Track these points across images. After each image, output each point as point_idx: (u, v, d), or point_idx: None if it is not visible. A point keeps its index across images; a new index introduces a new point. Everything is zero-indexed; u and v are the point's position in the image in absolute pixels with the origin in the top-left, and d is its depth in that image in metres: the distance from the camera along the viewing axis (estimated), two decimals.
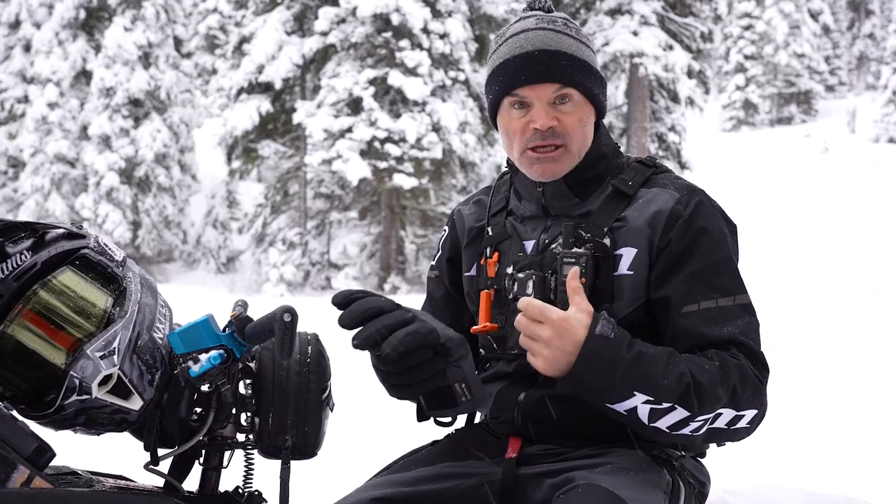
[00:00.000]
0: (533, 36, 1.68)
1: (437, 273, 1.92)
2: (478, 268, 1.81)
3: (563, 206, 1.72)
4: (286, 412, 1.46)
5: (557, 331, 1.44)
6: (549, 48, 1.66)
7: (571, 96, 1.67)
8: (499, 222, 1.80)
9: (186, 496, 1.47)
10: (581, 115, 1.68)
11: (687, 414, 1.48)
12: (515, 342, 1.68)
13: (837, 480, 4.20)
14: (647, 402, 1.47)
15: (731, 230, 1.69)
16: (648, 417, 1.48)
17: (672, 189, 1.67)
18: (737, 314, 1.59)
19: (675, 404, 1.47)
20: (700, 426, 1.50)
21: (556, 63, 1.66)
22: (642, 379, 1.46)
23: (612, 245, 1.64)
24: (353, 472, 2.19)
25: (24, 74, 23.47)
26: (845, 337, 8.76)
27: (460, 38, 18.21)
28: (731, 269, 1.63)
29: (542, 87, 1.66)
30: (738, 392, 1.50)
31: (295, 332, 1.36)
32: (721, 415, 1.51)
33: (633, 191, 1.69)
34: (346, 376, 3.23)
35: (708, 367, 1.50)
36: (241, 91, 19.73)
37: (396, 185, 17.63)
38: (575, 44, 1.69)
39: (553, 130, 1.66)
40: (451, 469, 1.65)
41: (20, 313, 1.32)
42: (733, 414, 1.51)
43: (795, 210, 20.42)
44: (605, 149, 1.75)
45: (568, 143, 1.67)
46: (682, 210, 1.63)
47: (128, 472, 1.53)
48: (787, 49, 39.28)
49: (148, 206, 21.97)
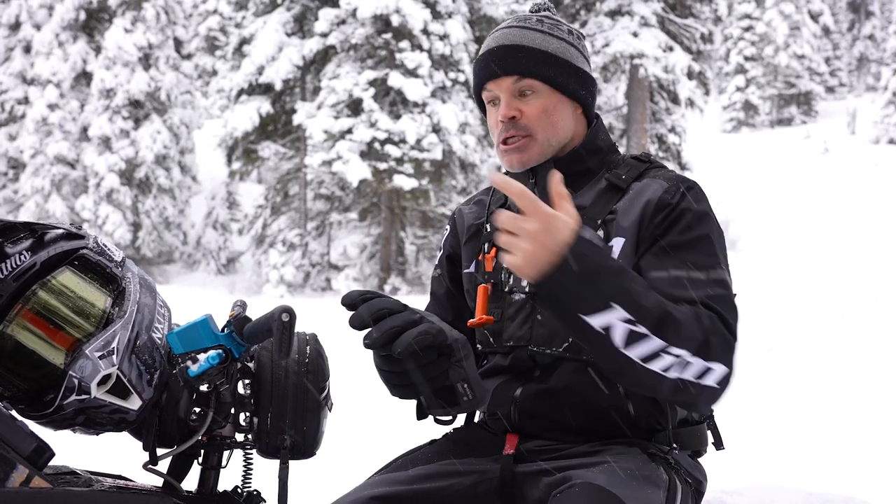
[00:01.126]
0: (500, 34, 1.75)
1: (440, 272, 1.94)
2: (476, 264, 1.82)
3: None
4: (285, 412, 1.46)
5: (545, 225, 1.35)
6: (510, 43, 1.72)
7: (533, 87, 1.70)
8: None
9: (185, 496, 1.47)
10: (546, 105, 1.71)
11: (662, 344, 1.41)
12: (511, 335, 1.70)
13: (836, 480, 4.20)
14: (625, 321, 1.39)
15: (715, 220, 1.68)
16: (624, 340, 1.39)
17: (662, 180, 1.68)
18: (707, 284, 1.55)
19: (651, 332, 1.40)
20: (670, 366, 1.42)
21: (513, 56, 1.70)
22: (623, 291, 1.40)
23: (605, 237, 1.65)
24: (352, 472, 2.20)
25: (24, 76, 23.49)
26: (845, 337, 8.76)
27: (460, 39, 18.22)
28: (708, 246, 1.61)
29: (502, 81, 1.71)
30: (710, 340, 1.45)
31: (293, 332, 1.36)
32: (690, 364, 1.43)
33: (627, 184, 1.70)
34: (344, 376, 3.23)
35: (683, 309, 1.47)
36: (241, 92, 19.74)
37: (396, 186, 17.63)
38: (543, 39, 1.73)
39: (515, 122, 1.71)
40: (449, 467, 1.66)
41: (19, 313, 1.32)
42: (703, 365, 1.44)
43: (796, 211, 20.42)
44: (601, 143, 1.77)
45: (533, 133, 1.70)
46: (670, 199, 1.64)
47: (127, 471, 1.53)
48: (788, 50, 39.28)
49: (148, 207, 21.98)
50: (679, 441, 1.67)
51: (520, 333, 1.69)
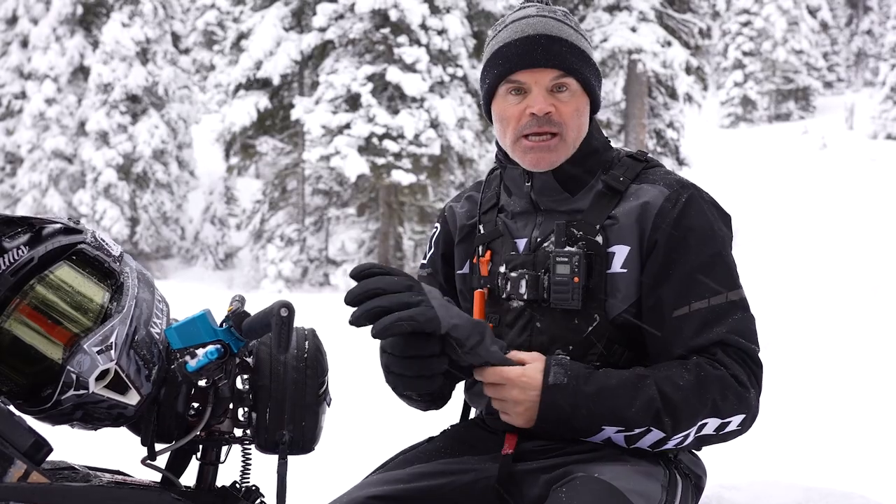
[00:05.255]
0: (535, 21, 1.66)
1: (430, 270, 1.90)
2: (470, 266, 1.81)
3: (552, 200, 1.70)
4: (283, 407, 1.46)
5: (520, 387, 1.49)
6: (551, 34, 1.64)
7: (569, 85, 1.64)
8: (490, 220, 1.79)
9: (184, 491, 1.47)
10: (578, 105, 1.66)
11: (662, 435, 1.51)
12: (511, 342, 1.68)
13: (835, 475, 4.20)
14: (619, 432, 1.51)
15: (724, 221, 1.67)
16: (626, 442, 1.53)
17: (662, 185, 1.65)
18: (728, 311, 1.57)
19: (650, 427, 1.50)
20: (682, 440, 1.53)
21: (558, 49, 1.63)
22: (606, 413, 1.49)
23: (605, 243, 1.63)
24: (350, 467, 2.19)
25: (21, 70, 23.45)
26: (842, 332, 8.77)
27: (459, 34, 18.19)
28: (721, 264, 1.60)
29: (542, 73, 1.63)
30: (718, 405, 1.51)
31: (292, 327, 1.35)
32: (706, 424, 1.52)
33: (624, 187, 1.66)
34: (343, 371, 3.23)
35: (683, 384, 1.50)
36: (239, 87, 19.71)
37: (394, 181, 17.62)
38: (575, 34, 1.67)
39: (549, 117, 1.63)
40: (447, 465, 1.65)
41: (17, 308, 1.31)
42: (719, 422, 1.53)
43: (793, 206, 20.43)
44: (596, 143, 1.72)
45: (563, 133, 1.64)
46: (671, 209, 1.61)
47: (125, 466, 1.53)
48: (786, 45, 39.25)
49: (146, 202, 21.96)
50: None
51: (519, 341, 1.68)
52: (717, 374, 1.52)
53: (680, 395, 1.49)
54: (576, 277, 1.59)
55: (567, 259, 1.60)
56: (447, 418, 1.90)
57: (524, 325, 1.68)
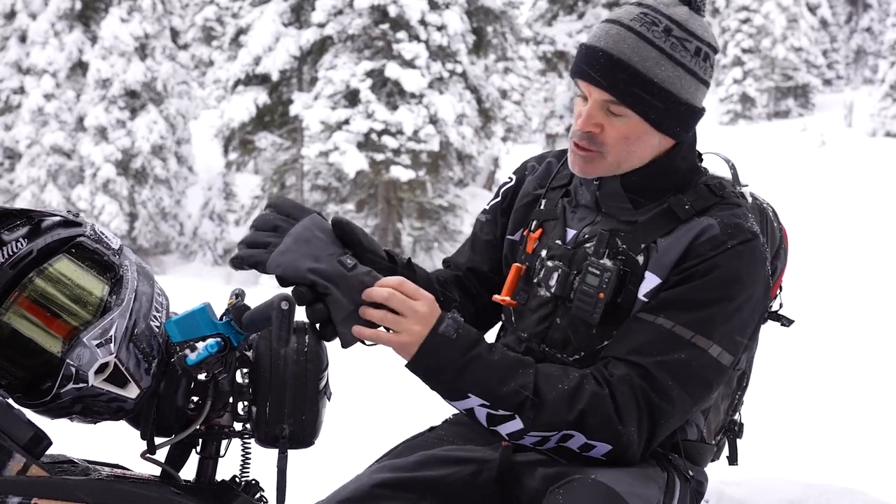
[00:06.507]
0: (615, 33, 1.57)
1: (489, 217, 1.87)
2: (521, 236, 1.79)
3: (615, 207, 1.66)
4: (283, 401, 1.45)
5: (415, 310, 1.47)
6: (618, 54, 1.55)
7: (624, 113, 1.57)
8: (554, 198, 1.76)
9: (183, 485, 1.47)
10: (629, 132, 1.58)
11: (521, 427, 1.48)
12: (527, 327, 1.68)
13: (835, 471, 4.21)
14: (483, 406, 1.48)
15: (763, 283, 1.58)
16: (487, 420, 1.50)
17: (718, 225, 1.56)
18: (681, 350, 1.49)
19: (514, 413, 1.48)
20: (541, 441, 1.50)
21: (615, 74, 1.54)
22: (476, 382, 1.47)
23: (644, 264, 1.58)
24: (351, 461, 2.19)
25: (19, 65, 23.41)
26: (842, 329, 8.78)
27: (458, 30, 18.17)
28: (719, 313, 1.51)
29: (596, 90, 1.57)
30: (585, 417, 1.47)
31: (292, 321, 1.35)
32: (572, 437, 1.49)
33: (686, 216, 1.59)
34: (343, 365, 3.23)
35: (560, 387, 1.48)
36: (237, 83, 19.68)
37: (393, 177, 17.62)
38: (656, 60, 1.55)
39: (591, 136, 1.59)
40: (450, 453, 1.67)
41: (16, 301, 1.31)
42: (584, 441, 1.49)
43: (792, 204, 20.42)
44: (681, 163, 1.65)
45: (604, 153, 1.60)
46: (709, 250, 1.54)
47: (124, 460, 1.52)
48: (785, 43, 39.23)
49: (144, 197, 21.94)
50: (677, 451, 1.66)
51: (536, 329, 1.67)
52: (595, 390, 1.48)
53: (553, 395, 1.47)
54: (601, 293, 1.56)
55: (599, 272, 1.57)
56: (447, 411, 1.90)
57: (545, 316, 1.67)
